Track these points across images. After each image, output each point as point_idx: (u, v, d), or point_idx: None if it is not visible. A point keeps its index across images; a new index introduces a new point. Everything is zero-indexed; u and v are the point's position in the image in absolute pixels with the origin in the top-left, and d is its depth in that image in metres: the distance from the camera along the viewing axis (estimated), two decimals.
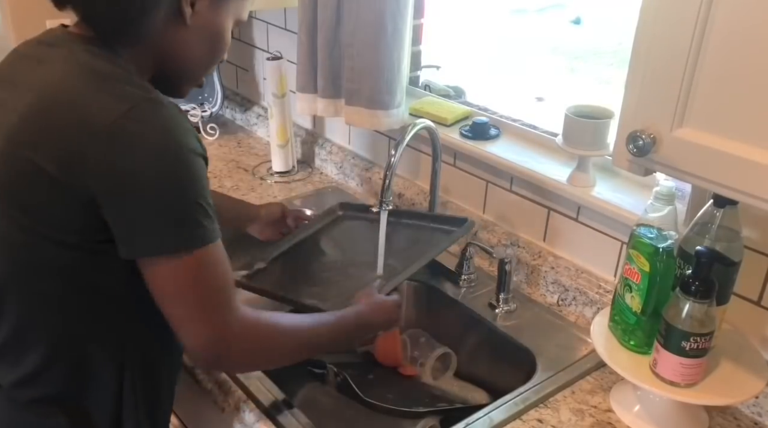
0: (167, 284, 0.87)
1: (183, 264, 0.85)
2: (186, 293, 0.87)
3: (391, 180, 1.28)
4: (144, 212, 0.83)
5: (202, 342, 0.89)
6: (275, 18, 1.98)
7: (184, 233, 0.84)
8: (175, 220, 0.84)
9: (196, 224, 0.85)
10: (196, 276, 0.86)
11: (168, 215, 0.83)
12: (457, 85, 1.84)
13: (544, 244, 1.43)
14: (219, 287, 0.89)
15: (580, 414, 1.12)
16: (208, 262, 0.87)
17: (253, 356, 0.96)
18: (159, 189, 0.82)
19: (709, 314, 0.98)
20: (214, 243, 0.87)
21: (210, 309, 0.88)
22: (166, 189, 0.82)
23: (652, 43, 0.81)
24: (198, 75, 1.01)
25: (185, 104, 2.12)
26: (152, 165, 0.81)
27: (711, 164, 0.80)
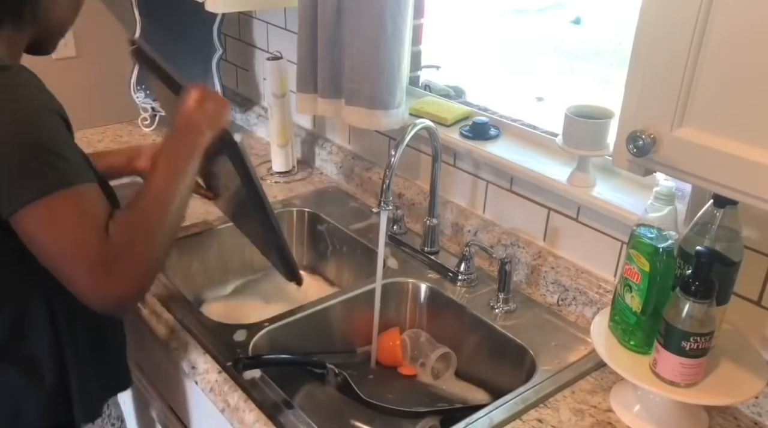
0: (34, 237, 0.89)
1: (36, 212, 0.87)
2: (50, 243, 0.88)
3: (391, 180, 1.29)
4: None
5: (84, 288, 0.90)
6: (275, 18, 1.98)
7: (39, 180, 0.86)
8: (28, 170, 0.86)
9: (45, 172, 0.87)
10: (50, 222, 0.87)
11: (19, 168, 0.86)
12: (457, 85, 1.84)
13: (544, 244, 1.43)
14: (77, 227, 0.89)
15: (580, 414, 1.12)
16: (62, 206, 0.88)
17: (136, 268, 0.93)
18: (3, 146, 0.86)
19: (709, 314, 0.98)
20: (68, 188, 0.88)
21: (75, 253, 0.88)
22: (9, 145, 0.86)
23: (652, 43, 0.81)
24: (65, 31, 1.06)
25: None
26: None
27: (711, 164, 0.80)
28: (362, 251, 1.60)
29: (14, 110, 0.87)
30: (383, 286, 1.43)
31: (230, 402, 1.14)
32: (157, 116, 2.13)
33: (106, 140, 2.09)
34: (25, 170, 0.86)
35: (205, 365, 1.20)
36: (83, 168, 0.92)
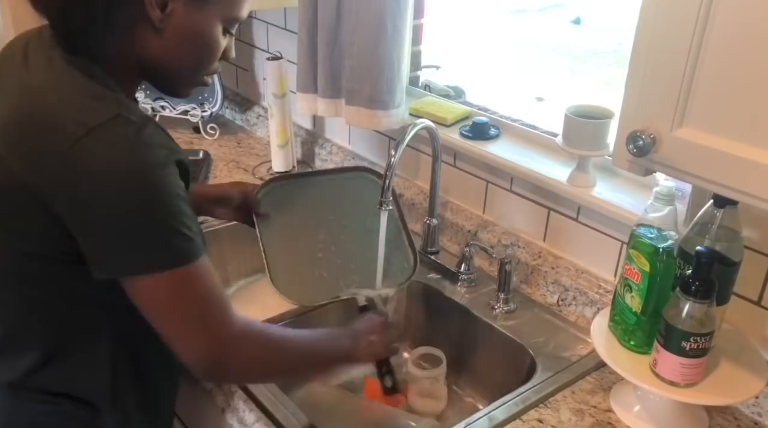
0: (148, 302, 0.87)
1: (157, 284, 0.84)
2: (169, 312, 0.87)
3: (391, 180, 1.28)
4: (105, 236, 0.82)
5: (194, 356, 0.89)
6: (275, 18, 1.98)
7: (149, 255, 0.83)
8: (139, 243, 0.82)
9: (163, 246, 0.83)
10: (176, 296, 0.86)
11: (130, 238, 0.82)
12: (457, 85, 1.84)
13: (544, 244, 1.43)
14: (205, 303, 0.88)
15: (580, 414, 1.12)
16: (186, 282, 0.86)
17: (249, 367, 0.96)
18: (121, 210, 0.80)
19: (709, 314, 0.98)
20: (192, 262, 0.85)
21: (196, 325, 0.88)
22: (128, 210, 0.80)
23: (652, 43, 0.81)
24: (191, 78, 0.97)
25: (185, 104, 2.12)
26: (112, 186, 0.80)
27: (711, 164, 0.80)
28: None
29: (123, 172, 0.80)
30: None
31: (230, 402, 1.14)
32: (157, 115, 2.13)
33: None
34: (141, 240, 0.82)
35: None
36: (197, 241, 0.88)
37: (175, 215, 0.83)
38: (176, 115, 2.13)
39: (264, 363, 0.97)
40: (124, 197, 0.80)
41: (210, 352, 0.89)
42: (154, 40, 0.88)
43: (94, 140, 0.79)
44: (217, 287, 0.90)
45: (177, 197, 0.84)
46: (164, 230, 0.83)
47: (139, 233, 0.82)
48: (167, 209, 0.83)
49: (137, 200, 0.81)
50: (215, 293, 0.89)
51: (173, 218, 0.83)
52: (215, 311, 0.89)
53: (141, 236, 0.82)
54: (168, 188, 0.83)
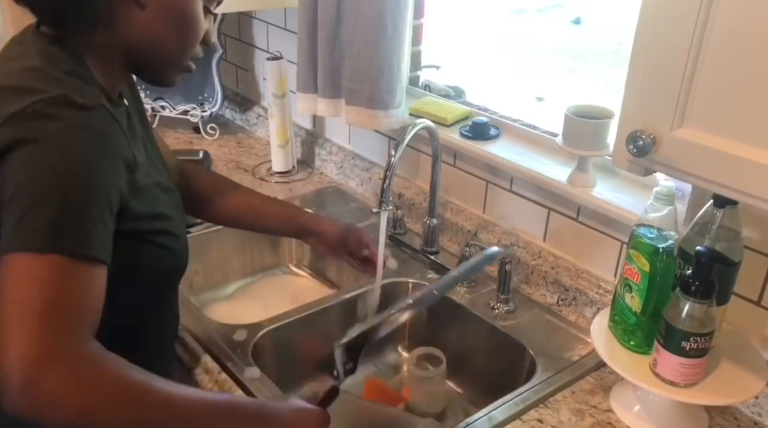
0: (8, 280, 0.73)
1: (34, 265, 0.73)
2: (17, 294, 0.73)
3: (391, 180, 1.28)
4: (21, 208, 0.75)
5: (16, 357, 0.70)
6: (275, 18, 1.98)
7: (46, 233, 0.74)
8: (47, 221, 0.74)
9: (68, 228, 0.75)
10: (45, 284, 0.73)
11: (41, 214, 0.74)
12: (457, 86, 1.84)
13: (544, 244, 1.43)
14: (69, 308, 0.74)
15: (580, 414, 1.12)
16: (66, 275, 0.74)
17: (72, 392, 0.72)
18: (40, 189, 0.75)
19: (709, 314, 0.98)
20: (85, 260, 0.76)
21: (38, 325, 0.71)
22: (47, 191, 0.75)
23: (652, 43, 0.81)
24: (176, 60, 0.95)
25: (185, 104, 2.12)
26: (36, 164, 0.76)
27: (711, 164, 0.80)
28: None
29: (70, 153, 0.77)
30: (383, 286, 1.43)
31: None
32: (157, 115, 2.13)
33: None
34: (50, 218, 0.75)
35: (205, 364, 1.20)
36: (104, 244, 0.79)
37: (91, 206, 0.77)
38: (176, 115, 2.13)
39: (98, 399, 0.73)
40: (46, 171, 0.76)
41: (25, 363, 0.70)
42: (139, 18, 0.88)
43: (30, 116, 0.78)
44: (92, 301, 0.77)
45: (98, 187, 0.79)
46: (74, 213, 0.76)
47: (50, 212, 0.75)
48: (86, 194, 0.77)
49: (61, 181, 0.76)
50: (85, 305, 0.76)
51: (90, 206, 0.77)
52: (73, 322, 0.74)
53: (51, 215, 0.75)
54: (96, 175, 0.79)
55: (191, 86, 2.11)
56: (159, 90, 2.12)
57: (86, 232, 0.77)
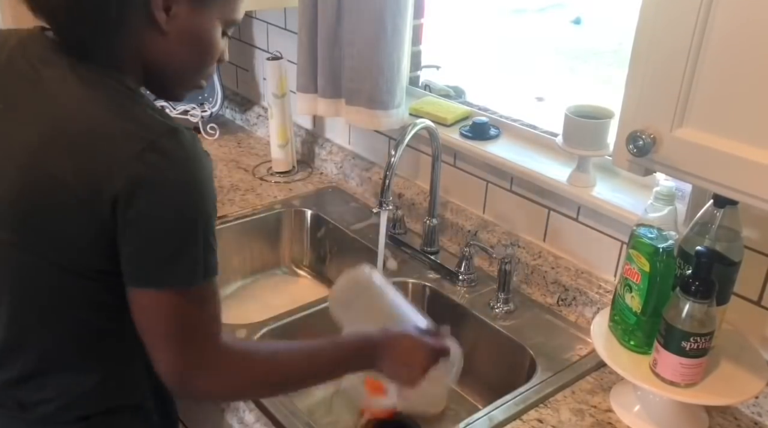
0: (156, 313, 0.86)
1: (178, 298, 0.85)
2: (171, 323, 0.86)
3: (391, 180, 1.29)
4: (154, 245, 0.83)
5: (168, 371, 0.88)
6: (275, 18, 1.98)
7: (187, 269, 0.84)
8: (183, 256, 0.84)
9: (200, 261, 0.85)
10: (186, 309, 0.86)
11: (177, 249, 0.83)
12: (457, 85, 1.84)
13: (544, 244, 1.43)
14: (207, 322, 0.88)
15: (580, 414, 1.12)
16: (203, 297, 0.87)
17: (222, 388, 0.92)
18: (173, 224, 0.82)
19: (709, 314, 0.98)
20: (213, 278, 0.87)
21: (189, 341, 0.87)
22: (179, 225, 0.83)
23: (652, 43, 0.81)
24: (190, 80, 0.97)
25: (185, 104, 2.12)
26: (170, 201, 0.82)
27: (711, 164, 0.80)
28: (362, 252, 1.60)
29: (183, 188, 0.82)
30: None
31: (230, 403, 1.14)
32: None
33: None
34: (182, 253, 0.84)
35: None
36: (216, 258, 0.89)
37: (213, 229, 0.86)
38: (176, 115, 2.13)
39: (241, 385, 0.94)
40: (180, 208, 0.82)
41: (179, 372, 0.88)
42: (160, 43, 0.88)
43: (154, 153, 0.80)
44: (216, 307, 0.89)
45: (215, 211, 0.87)
46: (204, 245, 0.85)
47: (185, 246, 0.83)
48: (210, 223, 0.85)
49: (191, 213, 0.83)
50: (219, 310, 0.90)
51: (212, 232, 0.86)
52: (213, 330, 0.89)
53: (186, 249, 0.83)
54: (214, 201, 0.86)
55: None
56: None
57: (215, 253, 0.87)
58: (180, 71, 0.94)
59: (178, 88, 0.98)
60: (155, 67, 0.91)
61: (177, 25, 0.88)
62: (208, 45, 0.93)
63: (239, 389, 0.95)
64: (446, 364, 1.06)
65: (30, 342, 0.93)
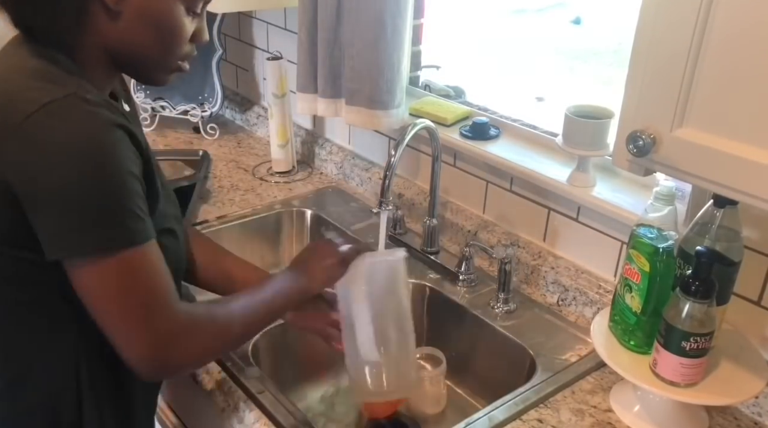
0: (92, 289, 0.83)
1: (104, 268, 0.81)
2: (112, 299, 0.83)
3: (391, 180, 1.28)
4: (59, 211, 0.79)
5: (136, 354, 0.85)
6: (275, 18, 1.98)
7: (100, 234, 0.80)
8: (91, 221, 0.80)
9: (115, 225, 0.81)
10: (120, 282, 0.82)
11: (82, 216, 0.79)
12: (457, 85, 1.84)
13: (544, 244, 1.43)
14: (149, 292, 0.85)
15: (580, 414, 1.12)
16: (134, 266, 0.83)
17: (195, 354, 0.91)
18: (72, 190, 0.79)
19: (709, 314, 0.98)
20: (141, 245, 0.83)
21: (139, 319, 0.84)
22: (79, 190, 0.79)
23: (652, 43, 0.81)
24: (161, 63, 0.94)
25: (185, 104, 2.12)
26: (64, 165, 0.78)
27: (711, 164, 0.80)
28: None
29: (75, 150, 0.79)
30: None
31: (230, 402, 1.14)
32: (157, 115, 2.13)
33: None
34: (93, 217, 0.80)
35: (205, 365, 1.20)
36: (149, 223, 0.86)
37: (127, 193, 0.82)
38: (176, 115, 2.13)
39: (211, 346, 0.94)
40: (77, 171, 0.78)
41: (152, 350, 0.85)
42: (113, 26, 0.87)
43: (46, 116, 0.78)
44: (164, 274, 0.87)
45: (130, 175, 0.82)
46: (116, 209, 0.81)
47: (91, 210, 0.80)
48: (120, 186, 0.81)
49: (90, 175, 0.79)
50: (162, 281, 0.86)
51: (125, 196, 0.82)
52: (161, 302, 0.85)
53: (92, 213, 0.80)
54: (122, 165, 0.81)
55: (191, 86, 2.11)
56: (158, 90, 2.12)
57: (140, 220, 0.83)
58: (146, 55, 0.92)
59: (154, 73, 0.95)
60: (119, 52, 0.90)
61: (129, 6, 0.86)
62: (167, 25, 0.90)
63: (210, 351, 0.95)
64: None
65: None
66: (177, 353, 0.87)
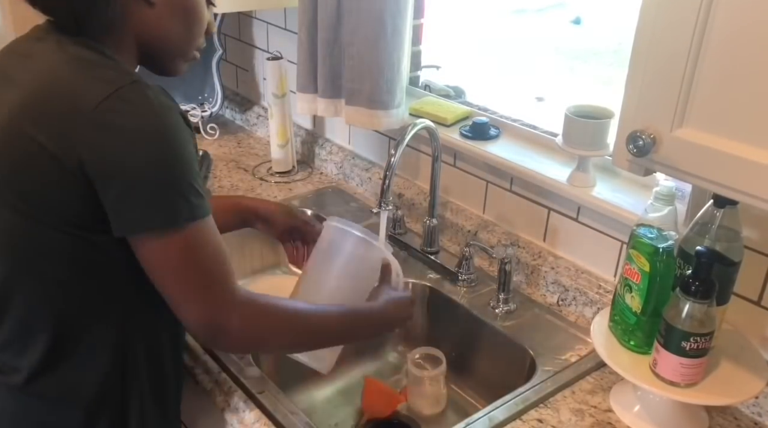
0: (159, 262, 0.88)
1: (172, 241, 0.86)
2: (178, 271, 0.88)
3: (391, 180, 1.28)
4: (131, 191, 0.84)
5: (198, 321, 0.89)
6: (275, 18, 1.98)
7: (169, 210, 0.85)
8: (161, 198, 0.85)
9: (182, 201, 0.86)
10: (186, 253, 0.87)
11: (154, 193, 0.84)
12: (457, 85, 1.84)
13: (544, 244, 1.43)
14: (212, 264, 0.89)
15: (580, 414, 1.12)
16: (197, 238, 0.88)
17: (251, 335, 0.94)
18: (145, 169, 0.84)
19: (709, 315, 0.98)
20: (203, 219, 0.88)
21: (204, 287, 0.89)
22: (151, 169, 0.84)
23: (652, 43, 0.81)
24: (183, 51, 1.01)
25: (186, 104, 2.12)
26: (137, 146, 0.83)
27: (711, 164, 0.80)
28: None
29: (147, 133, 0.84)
30: None
31: (230, 402, 1.14)
32: None
33: None
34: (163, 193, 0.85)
35: (205, 364, 1.20)
36: (207, 199, 0.91)
37: (192, 172, 0.87)
38: None
39: (264, 333, 0.96)
40: (149, 152, 0.84)
41: (212, 316, 0.89)
42: (149, 15, 0.93)
43: (116, 101, 0.83)
44: (223, 247, 0.91)
45: (191, 155, 0.88)
46: (183, 187, 0.86)
47: (162, 188, 0.85)
48: (186, 166, 0.87)
49: (161, 156, 0.84)
50: (223, 253, 0.91)
51: (190, 175, 0.87)
52: (223, 272, 0.90)
53: (163, 191, 0.85)
54: (186, 147, 0.87)
55: (191, 86, 2.12)
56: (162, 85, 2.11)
57: (201, 196, 0.88)
58: (173, 43, 0.98)
59: (175, 61, 1.02)
60: (149, 41, 0.96)
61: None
62: (195, 14, 0.98)
63: (269, 332, 0.96)
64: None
65: (14, 303, 0.94)
66: (233, 322, 0.90)
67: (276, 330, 0.97)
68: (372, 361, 1.47)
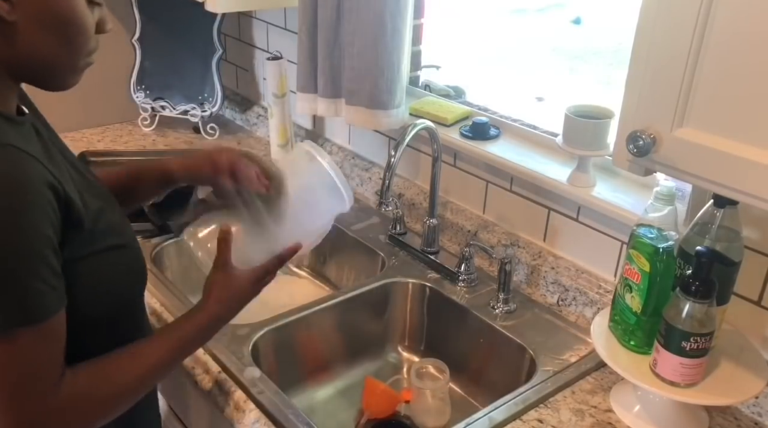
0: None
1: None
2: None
3: (391, 180, 1.29)
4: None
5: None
6: (275, 18, 1.98)
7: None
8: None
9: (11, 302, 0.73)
10: (8, 360, 0.75)
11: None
12: (457, 85, 1.84)
13: (544, 244, 1.43)
14: (33, 373, 0.77)
15: (580, 414, 1.12)
16: (24, 347, 0.75)
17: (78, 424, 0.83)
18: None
19: (709, 315, 0.98)
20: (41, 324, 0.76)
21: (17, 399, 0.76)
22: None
23: (652, 43, 0.81)
24: (68, 65, 0.83)
25: (185, 104, 2.12)
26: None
27: (711, 164, 0.80)
28: (363, 252, 1.60)
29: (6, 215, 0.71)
30: (383, 286, 1.44)
31: (230, 402, 1.14)
32: (157, 115, 2.13)
33: (106, 140, 2.09)
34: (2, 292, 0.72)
35: (205, 364, 1.20)
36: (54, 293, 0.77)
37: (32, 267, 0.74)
38: (176, 115, 2.13)
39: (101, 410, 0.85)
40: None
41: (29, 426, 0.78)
42: (14, 36, 0.77)
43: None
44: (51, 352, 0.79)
45: (33, 244, 0.74)
46: (17, 287, 0.73)
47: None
48: (18, 262, 0.73)
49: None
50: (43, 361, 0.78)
51: (31, 272, 0.74)
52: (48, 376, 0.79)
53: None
54: (25, 231, 0.73)
55: (191, 86, 2.11)
56: (158, 90, 2.11)
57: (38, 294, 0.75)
58: (50, 59, 0.82)
59: (62, 78, 0.85)
60: (18, 62, 0.80)
61: (25, 11, 0.76)
62: (72, 23, 0.81)
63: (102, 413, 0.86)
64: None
65: None
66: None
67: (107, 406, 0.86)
68: (372, 361, 1.47)
